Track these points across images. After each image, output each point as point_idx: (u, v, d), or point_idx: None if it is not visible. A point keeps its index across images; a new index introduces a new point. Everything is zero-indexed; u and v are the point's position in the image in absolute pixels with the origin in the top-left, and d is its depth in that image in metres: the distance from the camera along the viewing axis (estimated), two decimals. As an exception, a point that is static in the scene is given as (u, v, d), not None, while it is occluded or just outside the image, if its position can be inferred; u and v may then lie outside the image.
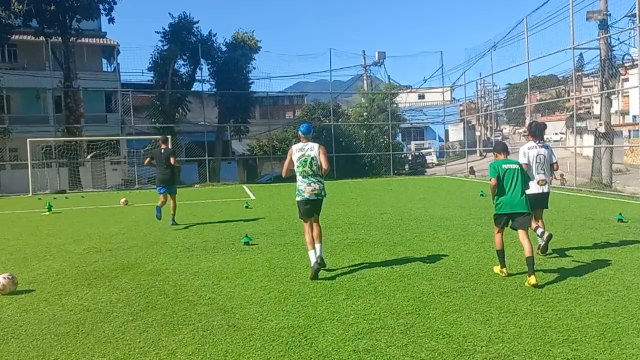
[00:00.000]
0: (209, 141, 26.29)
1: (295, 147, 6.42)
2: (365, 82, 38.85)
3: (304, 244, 7.57)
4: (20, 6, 21.92)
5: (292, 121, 34.84)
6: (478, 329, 4.16)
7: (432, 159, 44.98)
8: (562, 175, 18.96)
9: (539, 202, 6.92)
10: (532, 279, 5.32)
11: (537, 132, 7.02)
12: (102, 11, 25.27)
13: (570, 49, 17.03)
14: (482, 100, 60.97)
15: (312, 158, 6.22)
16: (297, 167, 6.28)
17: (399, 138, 35.22)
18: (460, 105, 44.98)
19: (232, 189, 22.43)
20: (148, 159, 11.15)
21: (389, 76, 36.65)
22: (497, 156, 6.06)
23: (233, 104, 27.75)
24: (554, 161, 7.05)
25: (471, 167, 26.48)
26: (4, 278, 5.58)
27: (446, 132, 43.32)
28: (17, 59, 31.43)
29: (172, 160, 10.73)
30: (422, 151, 44.04)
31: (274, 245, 8.15)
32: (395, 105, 29.46)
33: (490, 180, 5.87)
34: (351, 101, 38.31)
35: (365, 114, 28.36)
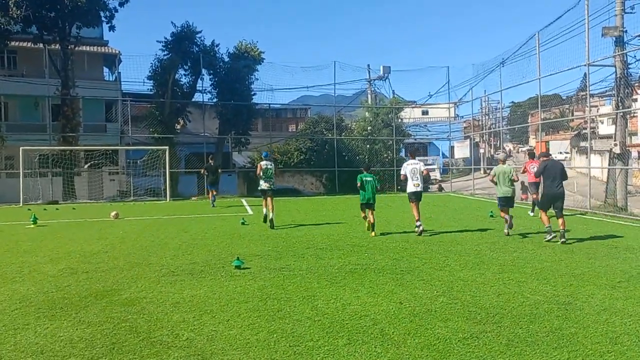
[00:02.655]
0: (208, 152, 25.54)
1: (262, 163, 12.98)
2: (369, 96, 38.29)
3: (301, 269, 7.45)
4: (19, 11, 21.39)
5: (294, 134, 34.15)
6: (510, 393, 3.37)
7: (436, 175, 44.30)
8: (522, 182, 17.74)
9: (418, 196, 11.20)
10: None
11: (413, 153, 13.64)
12: (103, 19, 24.72)
13: (585, 65, 16.33)
14: (487, 117, 60.43)
15: (270, 170, 12.94)
16: (264, 174, 12.79)
17: (402, 154, 34.57)
18: (465, 122, 44.37)
19: (230, 202, 21.66)
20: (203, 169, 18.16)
21: (393, 91, 36.08)
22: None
23: (234, 115, 27.10)
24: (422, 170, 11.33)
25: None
26: (-49, 308, 4.81)
27: (452, 148, 42.58)
28: (16, 66, 30.91)
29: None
30: (429, 167, 43.35)
31: (268, 270, 7.36)
32: (400, 120, 28.77)
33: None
34: (354, 116, 37.69)
35: (369, 128, 27.68)
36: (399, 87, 65.01)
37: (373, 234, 10.90)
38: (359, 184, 11.27)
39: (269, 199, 12.59)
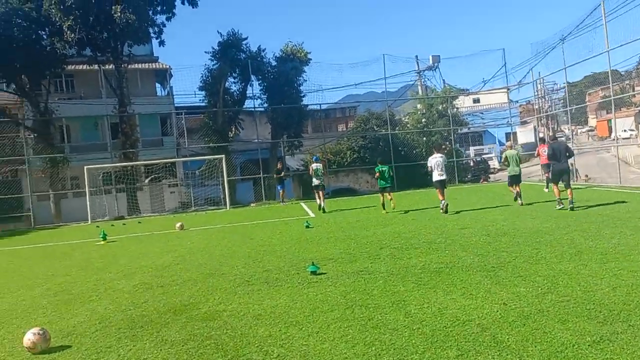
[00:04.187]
0: (263, 158, 25.53)
1: (312, 166, 17.21)
2: (419, 87, 37.28)
3: (380, 271, 6.99)
4: (73, 35, 22.05)
5: (345, 133, 33.63)
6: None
7: (494, 164, 42.61)
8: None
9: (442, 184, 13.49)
10: None
11: (437, 147, 14.82)
12: (152, 34, 25.17)
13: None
14: (543, 100, 57.75)
15: (320, 170, 17.01)
16: (314, 173, 16.95)
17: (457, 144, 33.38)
18: (520, 106, 42.42)
19: (289, 206, 21.46)
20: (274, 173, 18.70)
21: (443, 80, 34.94)
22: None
23: (285, 119, 26.95)
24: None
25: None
26: (34, 334, 4.65)
27: (514, 134, 40.83)
28: (74, 89, 32.08)
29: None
30: (483, 156, 41.79)
31: (346, 275, 6.94)
32: (456, 109, 27.73)
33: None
34: (401, 111, 36.76)
35: (423, 120, 26.82)
36: (449, 76, 63.26)
37: (392, 206, 14.49)
38: (377, 175, 14.76)
39: (320, 191, 17.17)
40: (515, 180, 13.85)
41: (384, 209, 14.55)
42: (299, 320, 5.02)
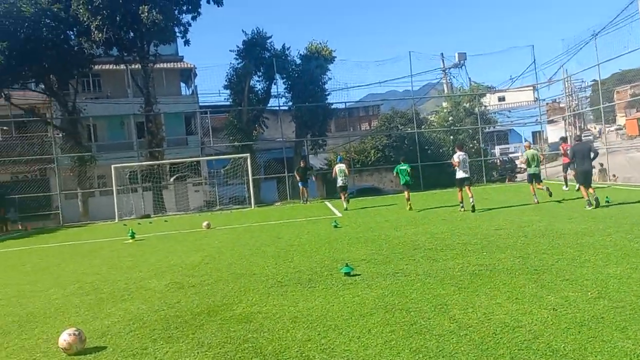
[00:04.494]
0: (288, 157, 25.42)
1: (336, 167, 17.63)
2: (445, 85, 36.77)
3: (417, 273, 6.79)
4: (100, 34, 22.25)
5: (370, 132, 33.34)
6: None
7: (520, 163, 41.87)
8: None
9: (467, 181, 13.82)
10: None
11: (461, 145, 14.66)
12: (177, 34, 25.25)
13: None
14: (570, 98, 56.50)
15: (343, 171, 17.36)
16: (339, 174, 17.39)
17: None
18: (547, 104, 41.53)
19: (314, 205, 21.31)
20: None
21: (469, 78, 34.37)
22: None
23: (310, 118, 26.79)
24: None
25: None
26: (70, 335, 4.58)
27: (542, 133, 40.06)
28: (101, 88, 32.47)
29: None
30: (509, 155, 41.09)
31: (381, 276, 6.75)
32: (483, 107, 27.22)
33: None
34: (424, 109, 36.21)
35: (450, 118, 26.39)
36: (475, 73, 62.30)
37: (408, 207, 15.39)
38: (395, 174, 16.05)
39: (344, 193, 17.91)
40: (536, 178, 14.56)
41: (409, 202, 15.55)
42: (337, 324, 4.85)
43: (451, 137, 26.10)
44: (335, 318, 5.06)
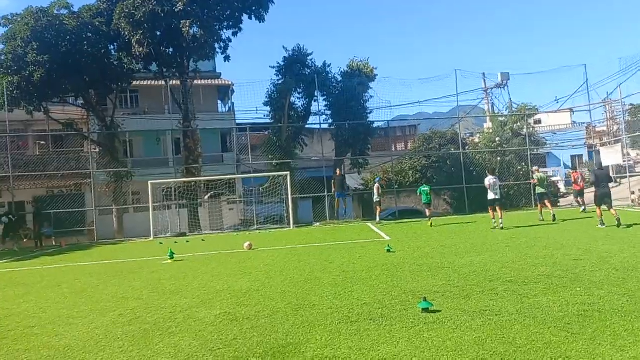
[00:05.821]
0: (328, 177, 24.61)
1: (376, 186, 20.38)
2: (486, 106, 35.68)
3: (508, 311, 5.78)
4: (141, 49, 22.07)
5: (410, 152, 32.31)
6: None
7: (560, 187, 40.23)
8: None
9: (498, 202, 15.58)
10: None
11: (492, 170, 16.71)
12: (217, 50, 24.96)
13: None
14: (611, 122, 54.41)
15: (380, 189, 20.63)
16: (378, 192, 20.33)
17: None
18: (588, 127, 39.85)
19: (356, 227, 20.36)
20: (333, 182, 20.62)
21: (510, 99, 33.21)
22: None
23: (351, 136, 26.00)
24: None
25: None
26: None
27: (597, 153, 38.45)
28: (138, 104, 32.49)
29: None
30: (552, 179, 39.45)
31: (466, 314, 5.79)
32: (532, 128, 26.00)
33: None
34: (465, 129, 35.08)
35: (497, 139, 25.24)
36: (517, 94, 60.81)
37: (430, 224, 17.77)
38: (418, 194, 20.02)
39: (379, 207, 20.37)
40: (545, 197, 17.16)
41: (430, 220, 18.56)
42: (440, 380, 3.93)
43: (498, 158, 24.91)
44: (433, 370, 4.15)
